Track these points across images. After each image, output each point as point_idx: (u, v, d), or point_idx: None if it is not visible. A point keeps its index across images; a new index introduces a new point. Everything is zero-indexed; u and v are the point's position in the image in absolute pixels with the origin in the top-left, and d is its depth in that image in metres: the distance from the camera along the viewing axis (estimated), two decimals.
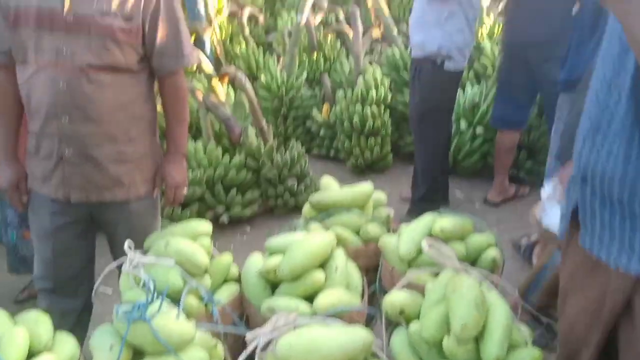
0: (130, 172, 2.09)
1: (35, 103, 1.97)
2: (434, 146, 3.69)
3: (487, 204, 4.04)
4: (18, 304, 3.08)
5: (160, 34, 2.00)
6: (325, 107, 4.90)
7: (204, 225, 2.10)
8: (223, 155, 3.75)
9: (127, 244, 1.92)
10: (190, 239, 1.97)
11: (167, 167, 2.18)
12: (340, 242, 2.09)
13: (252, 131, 3.93)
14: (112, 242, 2.23)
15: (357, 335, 1.47)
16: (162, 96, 2.15)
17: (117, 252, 2.20)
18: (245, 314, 1.96)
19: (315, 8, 5.50)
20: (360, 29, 4.89)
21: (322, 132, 4.87)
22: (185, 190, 2.26)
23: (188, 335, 1.52)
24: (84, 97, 1.93)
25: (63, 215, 2.11)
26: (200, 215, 3.56)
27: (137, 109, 2.07)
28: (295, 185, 3.85)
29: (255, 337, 1.51)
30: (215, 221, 3.60)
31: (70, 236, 2.16)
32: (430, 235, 1.91)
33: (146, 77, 2.09)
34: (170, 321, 1.51)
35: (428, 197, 3.67)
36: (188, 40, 2.12)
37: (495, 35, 5.48)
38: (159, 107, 2.22)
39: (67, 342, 1.69)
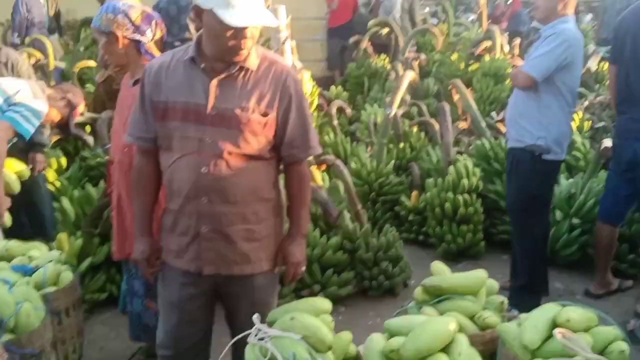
0: (257, 250, 2.23)
1: (177, 185, 2.17)
2: (533, 235, 3.67)
3: (589, 296, 3.92)
4: None
5: (291, 127, 2.19)
6: (415, 193, 5.00)
7: (325, 303, 2.19)
8: (320, 236, 3.88)
9: (255, 316, 2.03)
10: (313, 316, 2.06)
11: (289, 246, 2.31)
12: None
13: (346, 215, 4.06)
14: (233, 313, 2.35)
15: None
16: (287, 182, 2.32)
17: (237, 323, 2.30)
18: None
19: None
20: (450, 120, 5.06)
21: (410, 217, 4.94)
22: (304, 268, 2.37)
23: None
24: (223, 181, 2.12)
25: (192, 287, 2.26)
26: (297, 292, 3.65)
27: (266, 193, 2.24)
28: (390, 268, 3.90)
29: None
30: None
31: (196, 307, 2.30)
32: (555, 325, 1.91)
33: (275, 164, 2.28)
34: None
35: (528, 286, 3.62)
36: (314, 133, 2.30)
37: (584, 130, 5.52)
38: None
39: None
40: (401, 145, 5.69)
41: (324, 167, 4.24)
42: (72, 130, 3.90)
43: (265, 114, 2.13)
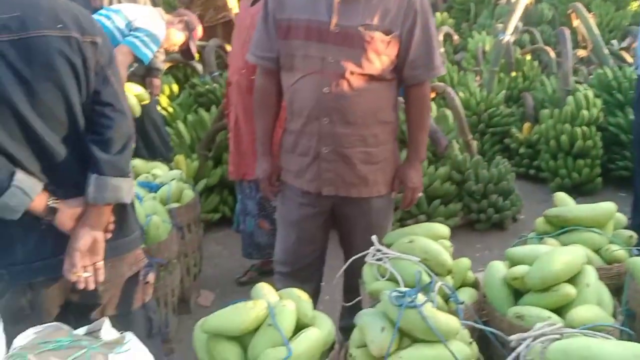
0: (375, 173, 2.23)
1: (298, 105, 2.18)
2: None
3: None
4: (240, 285, 3.41)
5: (415, 46, 2.12)
6: (527, 125, 4.77)
7: (443, 228, 2.17)
8: (428, 166, 3.82)
9: (374, 237, 2.05)
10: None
11: (407, 171, 2.28)
12: None
13: (455, 145, 3.96)
14: (348, 235, 2.38)
15: (637, 351, 1.42)
16: (407, 104, 2.27)
17: (351, 245, 2.34)
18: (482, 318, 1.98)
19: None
20: (570, 47, 4.71)
21: (521, 150, 4.75)
22: (420, 194, 2.35)
23: (454, 328, 1.58)
24: (345, 102, 2.10)
25: (311, 207, 2.30)
26: (402, 222, 3.65)
27: (386, 115, 2.20)
28: (500, 201, 3.80)
29: (520, 342, 1.52)
30: None
31: (313, 226, 2.35)
32: None
33: (396, 85, 2.22)
34: (437, 312, 1.58)
35: None
36: (439, 53, 2.21)
37: None
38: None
39: (325, 319, 1.84)
40: (513, 74, 5.41)
41: (432, 95, 4.12)
42: (194, 54, 3.98)
43: (388, 32, 2.06)
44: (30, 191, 1.51)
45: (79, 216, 1.60)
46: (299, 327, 1.73)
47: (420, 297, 1.59)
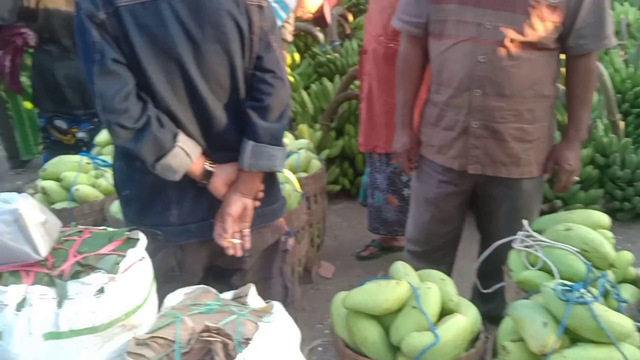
0: (528, 151, 2.05)
1: (447, 74, 2.03)
2: None
3: None
4: (360, 259, 3.36)
5: (584, 12, 1.90)
6: None
7: (604, 217, 1.96)
8: None
9: (525, 222, 1.89)
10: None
11: (564, 151, 2.08)
12: None
13: (600, 125, 3.62)
14: (489, 217, 2.23)
15: None
16: (569, 77, 2.05)
17: (493, 228, 2.19)
18: None
19: None
20: None
21: None
22: (577, 178, 2.14)
23: (628, 329, 1.41)
24: (501, 72, 1.93)
25: (450, 185, 2.17)
26: None
27: (544, 88, 2.01)
28: None
29: None
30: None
31: (451, 205, 2.22)
32: None
33: (557, 56, 2.02)
34: (608, 310, 1.42)
35: None
36: (610, 20, 1.97)
37: None
38: None
39: (470, 306, 1.73)
40: None
41: None
42: (328, 21, 3.90)
43: None
44: (192, 153, 1.51)
45: (231, 182, 1.59)
46: (443, 312, 1.64)
47: (589, 293, 1.43)
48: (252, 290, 1.54)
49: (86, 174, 2.70)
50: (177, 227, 1.60)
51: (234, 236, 1.60)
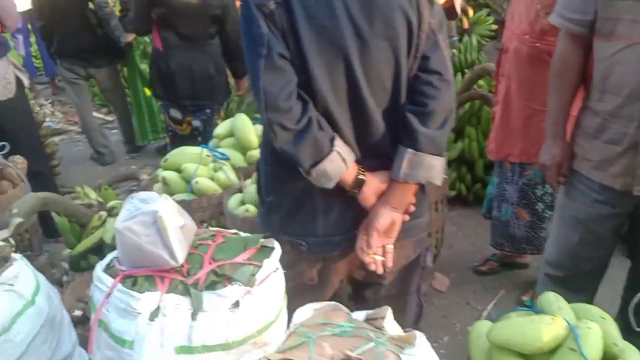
0: None
1: (615, 81, 1.77)
2: None
3: None
4: (477, 274, 3.13)
5: None
6: None
7: None
8: None
9: None
10: None
11: None
12: None
13: None
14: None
15: None
16: None
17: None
18: None
19: None
20: None
21: None
22: None
23: None
24: None
25: (607, 205, 1.90)
26: None
27: None
28: None
29: None
30: None
31: (605, 228, 1.96)
32: None
33: None
34: None
35: None
36: None
37: None
38: None
39: (635, 353, 1.48)
40: None
41: None
42: (458, 13, 3.63)
43: None
44: (347, 158, 1.38)
45: (381, 192, 1.44)
46: (605, 358, 1.41)
47: None
48: (389, 313, 1.38)
49: (205, 166, 2.67)
50: (324, 238, 1.48)
51: (376, 252, 1.45)
